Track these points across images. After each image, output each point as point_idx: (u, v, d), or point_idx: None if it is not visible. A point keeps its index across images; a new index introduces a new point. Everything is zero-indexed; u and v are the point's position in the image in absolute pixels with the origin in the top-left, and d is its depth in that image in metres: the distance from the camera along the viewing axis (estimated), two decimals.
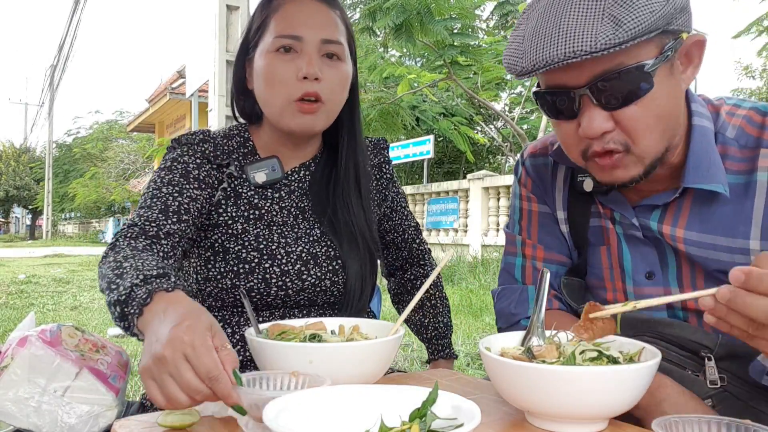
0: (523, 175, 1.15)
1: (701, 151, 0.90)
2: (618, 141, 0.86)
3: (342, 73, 1.19)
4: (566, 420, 0.72)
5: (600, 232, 1.04)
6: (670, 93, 0.86)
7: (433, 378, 0.99)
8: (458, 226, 9.92)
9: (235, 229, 1.17)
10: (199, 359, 0.70)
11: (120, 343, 4.56)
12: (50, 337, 1.05)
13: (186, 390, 0.70)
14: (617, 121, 0.85)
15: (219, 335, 0.75)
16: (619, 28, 0.77)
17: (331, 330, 0.96)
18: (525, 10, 0.91)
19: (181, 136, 1.22)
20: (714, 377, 0.92)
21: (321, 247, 1.21)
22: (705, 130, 0.92)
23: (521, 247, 1.13)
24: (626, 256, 1.00)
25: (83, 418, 1.00)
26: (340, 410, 0.68)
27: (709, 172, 0.89)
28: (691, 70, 0.89)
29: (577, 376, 0.68)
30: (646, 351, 0.78)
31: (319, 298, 1.21)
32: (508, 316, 1.12)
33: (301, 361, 0.80)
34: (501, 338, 0.87)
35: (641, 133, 0.85)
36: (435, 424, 0.63)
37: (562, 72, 0.84)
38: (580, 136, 0.88)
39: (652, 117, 0.84)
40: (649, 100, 0.83)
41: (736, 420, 0.62)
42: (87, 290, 8.19)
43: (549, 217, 1.11)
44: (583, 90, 0.84)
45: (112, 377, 1.06)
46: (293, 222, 1.22)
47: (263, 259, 1.16)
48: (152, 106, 18.24)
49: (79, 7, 21.65)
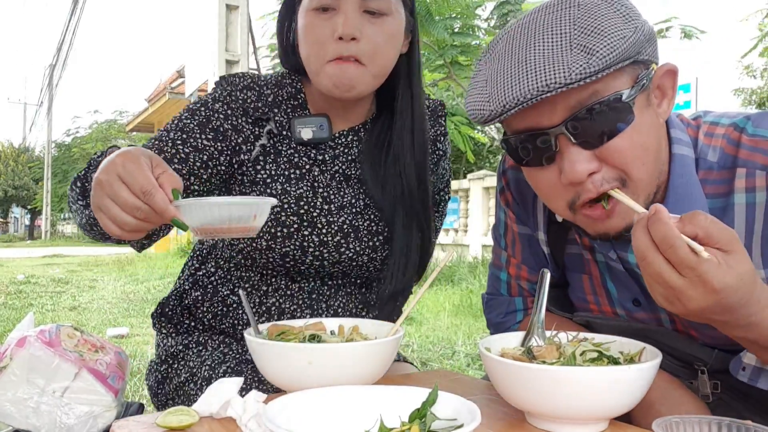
0: (505, 187, 1.09)
1: (681, 184, 0.85)
2: (610, 178, 0.78)
3: (388, 29, 1.09)
4: (566, 421, 0.72)
5: (578, 261, 1.00)
6: (651, 125, 0.80)
7: (433, 378, 0.99)
8: (458, 226, 9.92)
9: (275, 189, 1.13)
10: (132, 176, 0.75)
11: (120, 343, 4.56)
12: (49, 337, 1.05)
13: (125, 208, 0.75)
14: (603, 158, 0.78)
15: (160, 164, 0.79)
16: (591, 57, 0.72)
17: (331, 330, 0.96)
18: (481, 55, 0.85)
19: (229, 75, 1.19)
20: (706, 391, 0.91)
21: (364, 220, 1.16)
22: (685, 160, 0.85)
23: (506, 264, 1.10)
24: (610, 285, 0.96)
25: (82, 418, 1.00)
26: (340, 410, 0.68)
27: (690, 204, 0.83)
28: (667, 103, 0.84)
29: (577, 377, 0.68)
30: (647, 351, 0.78)
31: (354, 272, 1.18)
32: (497, 325, 1.12)
33: (301, 361, 0.80)
34: (501, 339, 0.86)
35: (633, 165, 0.78)
36: (435, 425, 0.63)
37: (534, 112, 0.78)
38: (564, 184, 0.79)
39: (640, 148, 0.78)
40: (634, 131, 0.77)
41: (736, 420, 0.62)
42: (86, 290, 8.18)
43: (530, 238, 1.07)
44: (560, 128, 0.77)
45: (111, 378, 1.06)
46: (336, 189, 1.17)
47: (303, 225, 1.12)
48: (151, 105, 18.24)
49: (78, 6, 21.66)
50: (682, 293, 0.65)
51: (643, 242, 0.67)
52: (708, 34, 11.34)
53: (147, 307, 6.78)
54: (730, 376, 0.87)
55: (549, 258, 1.04)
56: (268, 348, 0.83)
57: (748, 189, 0.82)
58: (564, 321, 1.03)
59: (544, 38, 0.76)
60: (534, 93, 0.73)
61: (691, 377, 0.93)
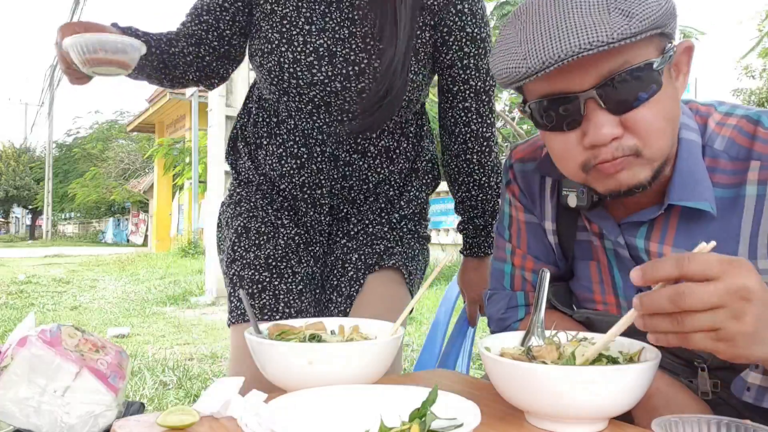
0: (511, 180, 1.10)
1: (687, 168, 0.86)
2: (627, 147, 0.80)
3: None
4: (566, 420, 0.72)
5: (587, 248, 1.01)
6: (673, 98, 0.82)
7: (433, 378, 0.99)
8: None
9: (265, 9, 1.23)
10: None
11: (120, 343, 4.57)
12: (50, 337, 1.05)
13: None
14: (626, 125, 0.80)
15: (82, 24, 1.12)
16: (630, 20, 0.74)
17: (331, 330, 0.96)
18: (508, 21, 0.86)
19: None
20: (706, 389, 0.91)
21: (344, 48, 1.19)
22: (692, 145, 0.87)
23: (511, 255, 1.10)
24: (616, 273, 0.97)
25: (83, 418, 1.00)
26: (340, 410, 0.68)
27: (695, 191, 0.85)
28: (682, 79, 0.86)
29: (577, 377, 0.68)
30: (646, 351, 0.78)
31: (333, 102, 1.22)
32: (498, 321, 1.11)
33: (301, 361, 0.80)
34: (501, 338, 0.87)
35: (654, 135, 0.80)
36: (435, 424, 0.63)
37: (566, 76, 0.79)
38: (584, 147, 0.82)
39: (662, 119, 0.80)
40: (659, 101, 0.80)
41: (735, 420, 0.62)
42: (87, 290, 8.19)
43: (536, 227, 1.07)
44: (590, 93, 0.78)
45: (112, 377, 1.06)
46: (322, 12, 1.21)
47: (282, 42, 1.19)
48: (152, 106, 18.24)
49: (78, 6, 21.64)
50: (726, 318, 0.61)
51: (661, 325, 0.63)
52: (707, 35, 11.33)
53: (147, 307, 6.78)
54: (729, 374, 0.88)
55: (556, 248, 1.05)
56: (268, 348, 0.83)
57: (760, 181, 0.83)
58: (564, 320, 1.03)
59: (581, 1, 0.77)
60: (576, 50, 0.74)
61: (691, 376, 0.93)
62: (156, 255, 14.04)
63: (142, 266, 11.82)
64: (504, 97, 16.37)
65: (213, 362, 3.97)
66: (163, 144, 16.62)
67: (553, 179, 1.03)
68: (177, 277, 9.37)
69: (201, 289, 7.80)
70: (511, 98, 16.46)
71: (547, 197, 1.04)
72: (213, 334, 5.03)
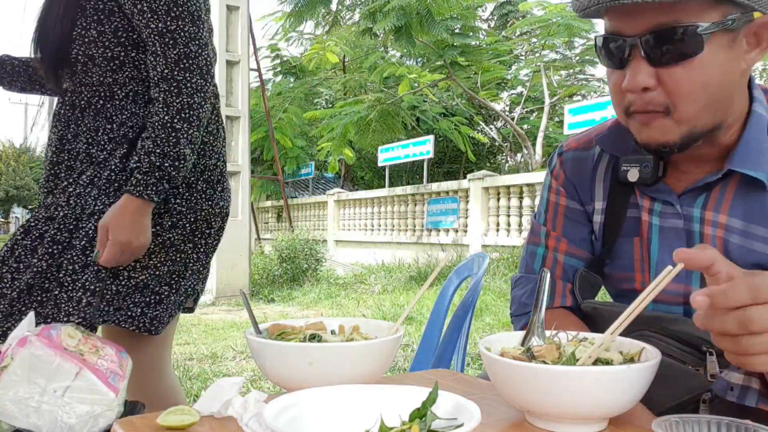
0: (557, 168, 1.15)
1: (754, 137, 0.89)
2: (658, 102, 0.85)
3: None
4: (566, 420, 0.72)
5: (635, 224, 1.04)
6: (724, 66, 0.84)
7: (433, 378, 0.99)
8: (458, 226, 9.92)
9: None
10: None
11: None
12: (50, 337, 1.05)
13: None
14: (661, 80, 0.84)
15: None
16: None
17: (331, 330, 0.96)
18: None
19: None
20: (715, 371, 0.92)
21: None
22: (761, 118, 0.91)
23: (545, 238, 1.14)
24: (654, 249, 1.00)
25: (83, 418, 1.00)
26: (340, 410, 0.68)
27: (758, 160, 0.88)
28: (757, 53, 0.87)
29: (577, 377, 0.68)
30: (646, 351, 0.78)
31: None
32: (520, 304, 1.13)
33: (301, 361, 0.80)
34: (501, 338, 0.87)
35: (683, 97, 0.84)
36: (435, 424, 0.63)
37: (623, 17, 0.84)
38: (623, 89, 0.87)
39: (697, 83, 0.83)
40: (697, 65, 0.82)
41: (736, 420, 0.62)
42: None
43: (577, 212, 1.12)
44: (635, 39, 0.83)
45: (112, 377, 1.06)
46: None
47: None
48: None
49: None
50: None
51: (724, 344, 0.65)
52: None
53: None
54: None
55: (599, 228, 1.08)
56: (268, 348, 0.83)
57: None
58: (565, 320, 1.04)
59: None
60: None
61: (698, 364, 0.94)
62: None
63: None
64: (504, 97, 16.37)
65: (213, 362, 3.97)
66: None
67: (610, 157, 1.07)
68: None
69: None
70: (511, 98, 16.46)
71: (599, 177, 1.09)
72: (213, 334, 5.03)
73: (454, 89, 13.28)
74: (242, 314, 6.38)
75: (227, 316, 6.24)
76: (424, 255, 9.76)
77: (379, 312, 5.90)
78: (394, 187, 12.83)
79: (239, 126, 7.87)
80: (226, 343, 4.54)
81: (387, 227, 11.61)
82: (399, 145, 12.51)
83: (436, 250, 9.82)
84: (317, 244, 9.21)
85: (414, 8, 8.87)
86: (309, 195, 16.54)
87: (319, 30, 15.68)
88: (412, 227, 10.96)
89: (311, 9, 12.12)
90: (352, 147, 14.25)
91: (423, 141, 11.85)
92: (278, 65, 15.78)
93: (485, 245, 9.06)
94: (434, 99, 13.65)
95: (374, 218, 11.99)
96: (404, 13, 8.86)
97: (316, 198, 14.41)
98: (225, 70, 7.80)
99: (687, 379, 0.89)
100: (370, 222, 12.11)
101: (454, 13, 9.75)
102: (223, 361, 3.99)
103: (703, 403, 0.91)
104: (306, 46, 16.39)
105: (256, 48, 10.76)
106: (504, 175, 9.73)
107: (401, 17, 8.85)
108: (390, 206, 11.59)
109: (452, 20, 9.91)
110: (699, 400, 0.90)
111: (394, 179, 15.89)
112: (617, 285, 1.08)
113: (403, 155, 12.49)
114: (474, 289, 1.73)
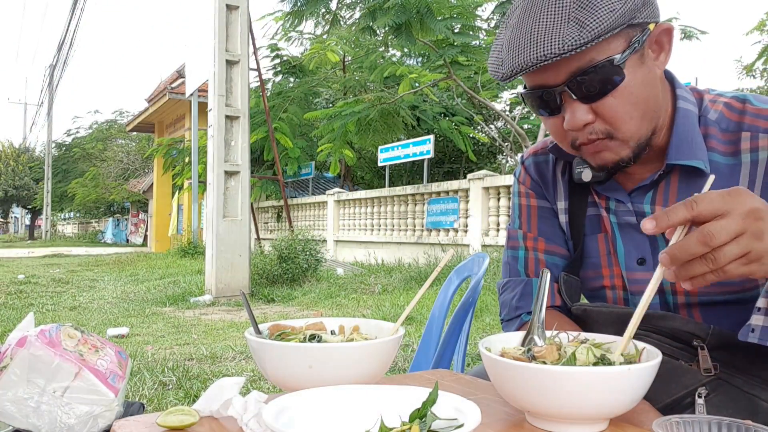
0: (522, 174, 1.21)
1: (684, 131, 0.97)
2: (599, 130, 0.93)
3: None
4: (566, 421, 0.72)
5: (597, 221, 1.09)
6: (643, 80, 0.92)
7: (433, 378, 0.99)
8: (458, 226, 9.92)
9: None
10: None
11: (120, 343, 4.56)
12: (49, 337, 1.05)
13: None
14: (597, 112, 0.91)
15: None
16: (582, 30, 0.84)
17: (331, 330, 0.96)
18: (503, 21, 0.98)
19: None
20: (708, 365, 0.94)
21: None
22: (688, 113, 0.98)
23: (523, 240, 1.17)
24: (619, 243, 1.05)
25: (82, 418, 1.00)
26: (340, 410, 0.68)
27: (691, 150, 0.95)
28: (664, 56, 0.95)
29: (577, 377, 0.68)
30: (647, 352, 0.78)
31: None
32: (512, 308, 1.14)
33: (301, 361, 0.80)
34: (501, 338, 0.86)
35: (620, 120, 0.92)
36: (435, 425, 0.63)
37: (542, 73, 0.92)
38: (566, 129, 0.94)
39: (629, 105, 0.91)
40: (624, 90, 0.90)
41: (736, 420, 0.62)
42: (86, 290, 8.18)
43: (548, 210, 1.16)
44: (562, 87, 0.91)
45: (112, 377, 1.06)
46: None
47: None
48: (152, 105, 18.23)
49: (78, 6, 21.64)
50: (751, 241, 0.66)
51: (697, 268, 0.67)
52: (708, 34, 11.33)
53: (147, 307, 6.78)
54: (728, 354, 0.93)
55: (566, 227, 1.13)
56: (268, 348, 0.83)
57: (752, 149, 0.95)
58: (564, 321, 1.04)
59: (549, 11, 0.88)
60: (534, 62, 0.87)
61: (691, 359, 0.95)
62: (155, 255, 14.03)
63: (141, 266, 11.82)
64: (504, 97, 16.37)
65: (213, 362, 3.97)
66: (162, 143, 16.62)
67: (564, 161, 1.14)
68: (176, 278, 9.37)
69: (200, 290, 7.80)
70: (511, 98, 16.46)
71: (559, 179, 1.15)
72: (212, 335, 5.03)
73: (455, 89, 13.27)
74: (242, 314, 6.38)
75: (227, 317, 6.23)
76: (424, 255, 9.76)
77: (379, 312, 5.90)
78: (394, 186, 12.83)
79: (239, 126, 7.86)
80: (225, 344, 4.54)
81: (387, 227, 11.60)
82: (399, 144, 12.51)
83: (436, 250, 9.82)
84: (317, 244, 9.21)
85: (414, 6, 8.86)
86: (309, 195, 16.54)
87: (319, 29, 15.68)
88: (412, 227, 10.96)
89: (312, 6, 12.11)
90: (352, 147, 14.24)
91: (423, 141, 11.84)
92: (278, 65, 15.77)
93: (485, 245, 9.06)
94: (434, 99, 13.65)
95: (374, 218, 11.99)
96: (404, 10, 8.85)
97: (316, 198, 14.40)
98: (225, 70, 7.79)
99: (681, 375, 0.91)
100: (370, 222, 12.10)
101: (455, 13, 9.74)
102: (222, 362, 3.98)
103: (698, 398, 0.91)
104: (306, 45, 16.39)
105: (255, 48, 10.76)
106: (504, 175, 9.72)
107: (401, 15, 8.84)
108: (390, 206, 11.59)
109: (452, 19, 9.90)
110: (694, 395, 0.91)
111: (394, 179, 15.88)
112: (588, 284, 1.11)
113: (403, 155, 12.49)
114: (474, 290, 1.73)
